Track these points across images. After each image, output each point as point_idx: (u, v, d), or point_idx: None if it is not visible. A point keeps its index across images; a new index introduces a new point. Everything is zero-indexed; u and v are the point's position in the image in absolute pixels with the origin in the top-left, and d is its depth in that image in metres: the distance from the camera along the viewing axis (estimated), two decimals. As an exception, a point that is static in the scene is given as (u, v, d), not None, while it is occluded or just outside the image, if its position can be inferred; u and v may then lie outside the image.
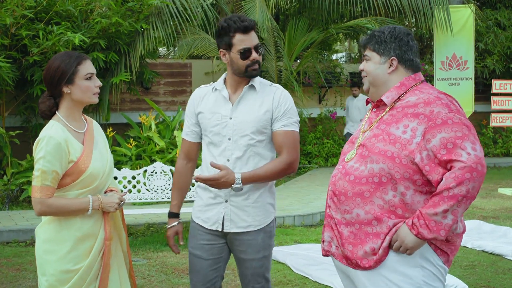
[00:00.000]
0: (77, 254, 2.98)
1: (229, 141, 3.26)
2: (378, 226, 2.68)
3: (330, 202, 2.85)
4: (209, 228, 3.33)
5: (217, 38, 3.33)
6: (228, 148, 3.26)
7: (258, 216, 3.31)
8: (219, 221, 3.30)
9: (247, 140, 3.25)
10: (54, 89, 3.02)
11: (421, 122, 2.65)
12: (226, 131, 3.27)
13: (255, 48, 3.26)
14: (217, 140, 3.29)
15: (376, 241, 2.69)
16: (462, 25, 11.77)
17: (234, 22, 3.23)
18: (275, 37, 11.61)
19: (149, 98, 11.86)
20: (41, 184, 2.91)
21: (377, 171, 2.68)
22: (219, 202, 3.30)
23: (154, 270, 6.06)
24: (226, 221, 3.29)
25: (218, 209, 3.31)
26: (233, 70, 3.30)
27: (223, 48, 3.29)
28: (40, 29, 8.81)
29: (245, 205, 3.28)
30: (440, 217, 2.55)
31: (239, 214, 3.28)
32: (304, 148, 13.72)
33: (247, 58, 3.24)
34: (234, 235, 3.31)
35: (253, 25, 3.27)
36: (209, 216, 3.33)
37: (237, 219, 3.29)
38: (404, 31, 2.86)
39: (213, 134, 3.30)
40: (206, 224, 3.34)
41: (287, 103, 3.31)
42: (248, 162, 3.26)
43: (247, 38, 3.24)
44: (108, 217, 3.08)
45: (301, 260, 6.14)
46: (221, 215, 3.29)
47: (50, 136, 2.93)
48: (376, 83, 2.86)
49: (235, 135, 3.26)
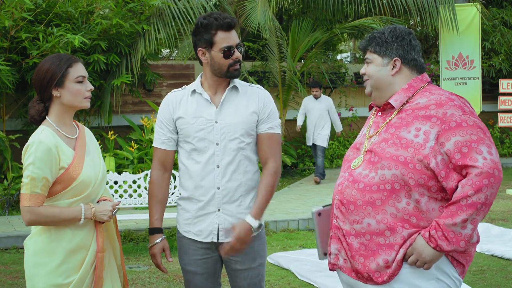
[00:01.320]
0: (68, 267, 2.82)
1: (217, 146, 3.09)
2: (391, 236, 2.53)
3: (337, 212, 2.69)
4: (203, 241, 3.15)
5: (195, 36, 3.14)
6: (216, 153, 3.09)
7: None
8: (214, 231, 3.12)
9: (237, 144, 3.10)
10: (44, 93, 2.87)
11: (433, 125, 2.50)
12: (213, 135, 3.09)
13: (237, 46, 3.11)
14: (202, 146, 3.10)
15: (389, 253, 2.53)
16: (468, 24, 11.64)
17: (215, 19, 3.06)
18: (278, 37, 11.49)
19: (151, 100, 11.75)
20: (30, 192, 2.76)
21: (389, 177, 2.53)
22: (210, 212, 3.12)
23: (155, 277, 5.92)
24: (221, 231, 3.12)
25: (210, 220, 3.13)
26: (213, 70, 3.12)
27: (202, 47, 3.11)
28: (40, 31, 8.74)
29: (238, 212, 3.12)
30: (459, 227, 2.40)
31: (234, 222, 3.11)
32: (309, 150, 13.54)
33: (229, 57, 3.08)
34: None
35: (235, 22, 3.12)
36: (201, 228, 3.14)
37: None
38: (405, 30, 2.72)
39: (198, 140, 3.11)
40: (199, 237, 3.15)
41: (271, 104, 3.19)
42: (238, 167, 3.10)
43: (230, 36, 3.08)
44: (101, 228, 2.92)
45: (305, 266, 5.99)
46: (215, 225, 3.12)
47: (40, 141, 2.78)
48: (380, 86, 2.71)
49: (224, 139, 3.09)
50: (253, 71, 13.02)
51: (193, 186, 3.13)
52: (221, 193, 3.10)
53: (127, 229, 7.50)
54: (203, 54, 3.12)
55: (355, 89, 14.45)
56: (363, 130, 2.84)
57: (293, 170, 12.86)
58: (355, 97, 14.65)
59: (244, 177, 3.13)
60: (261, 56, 12.94)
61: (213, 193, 3.10)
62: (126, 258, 6.63)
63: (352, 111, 14.22)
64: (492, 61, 14.13)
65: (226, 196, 3.10)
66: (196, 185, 3.12)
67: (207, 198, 3.10)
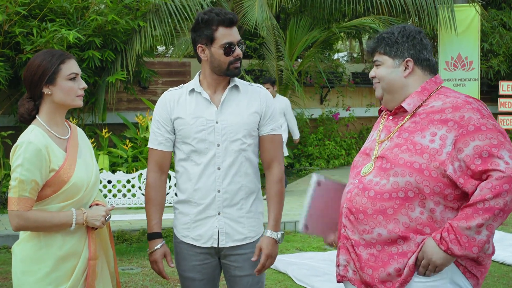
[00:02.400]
0: (58, 275, 2.66)
1: (218, 148, 2.97)
2: (405, 244, 2.39)
3: (345, 221, 2.54)
4: (203, 246, 3.02)
5: (194, 32, 3.02)
6: (217, 155, 2.96)
7: (253, 227, 3.06)
8: (214, 236, 3.00)
9: (239, 145, 2.98)
10: (34, 90, 2.71)
11: (450, 129, 2.36)
12: (214, 136, 2.97)
13: (238, 43, 2.98)
14: (202, 147, 2.97)
15: (402, 261, 2.39)
16: (467, 25, 11.55)
17: (216, 15, 2.94)
18: (275, 36, 11.36)
19: (147, 97, 11.60)
20: (18, 195, 2.59)
21: (402, 185, 2.38)
22: (210, 215, 2.99)
23: (148, 280, 5.77)
24: (221, 235, 2.99)
25: (210, 224, 3.00)
26: (213, 68, 2.99)
27: (202, 43, 2.99)
28: (34, 26, 8.61)
29: (239, 216, 3.01)
30: (473, 232, 2.26)
31: (234, 226, 3.00)
32: (305, 150, 13.44)
33: (230, 54, 2.95)
34: (230, 250, 3.02)
35: (237, 19, 3.00)
36: (201, 233, 3.01)
37: (233, 232, 3.01)
38: (415, 29, 2.58)
39: (198, 141, 2.97)
40: (199, 242, 3.02)
41: (273, 105, 3.10)
42: (240, 169, 2.99)
43: (231, 32, 2.96)
44: (93, 234, 2.76)
45: (303, 270, 5.86)
46: (216, 229, 2.99)
47: (29, 141, 2.62)
48: (392, 89, 2.56)
49: (225, 141, 2.97)
50: (250, 70, 12.89)
51: (192, 189, 3.00)
52: (222, 196, 2.98)
53: (120, 229, 7.36)
54: (203, 50, 3.00)
55: (352, 89, 14.35)
56: (372, 134, 2.69)
57: (289, 170, 12.73)
58: (352, 97, 14.55)
59: (245, 179, 3.02)
60: (258, 55, 12.81)
61: (213, 196, 2.98)
62: (119, 260, 6.48)
63: (349, 111, 14.11)
64: (490, 63, 14.04)
65: (227, 200, 2.99)
66: (196, 188, 2.99)
67: (207, 201, 2.98)
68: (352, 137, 14.30)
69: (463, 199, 2.36)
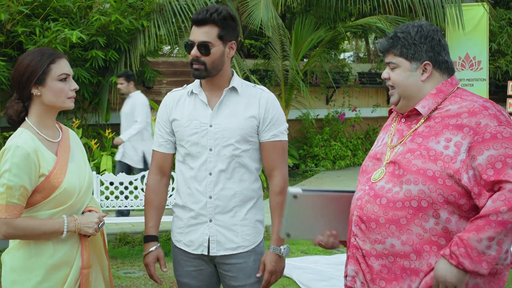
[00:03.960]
0: (49, 285, 2.54)
1: (211, 152, 2.84)
2: (417, 261, 2.25)
3: (356, 230, 2.39)
4: (193, 253, 2.91)
5: None
6: (209, 160, 2.84)
7: (247, 236, 2.91)
8: (204, 243, 2.88)
9: (231, 150, 2.84)
10: (23, 91, 2.59)
11: (465, 136, 2.22)
12: (206, 140, 2.84)
13: (201, 45, 2.79)
14: (195, 151, 2.86)
15: (414, 279, 2.25)
16: (475, 24, 11.39)
17: (197, 13, 2.82)
18: (281, 35, 11.24)
19: (151, 98, 11.48)
20: (6, 202, 2.47)
21: (415, 193, 2.24)
22: (202, 222, 2.88)
23: (150, 284, 5.66)
24: (211, 243, 2.87)
25: (201, 230, 2.89)
26: None
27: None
28: (37, 26, 8.54)
29: (233, 224, 2.88)
30: (484, 245, 2.11)
31: (226, 234, 2.87)
32: (311, 151, 13.31)
33: (189, 52, 2.82)
34: (222, 259, 2.90)
35: (210, 19, 2.78)
36: (192, 239, 2.91)
37: (224, 240, 2.88)
38: (432, 28, 2.39)
39: (191, 144, 2.86)
40: (190, 248, 2.92)
41: (275, 109, 2.91)
42: (233, 175, 2.85)
43: (195, 31, 2.81)
44: (87, 242, 2.64)
45: (308, 275, 5.73)
46: (206, 237, 2.88)
47: (17, 145, 2.50)
48: (409, 94, 2.39)
49: (217, 145, 2.84)
50: (255, 70, 12.77)
51: (186, 193, 2.91)
52: (213, 203, 2.86)
53: (122, 231, 7.25)
54: None
55: (358, 89, 14.22)
56: (382, 138, 2.53)
57: (295, 171, 12.61)
58: (358, 97, 14.42)
59: (240, 186, 2.88)
60: (263, 55, 12.69)
61: (205, 202, 2.86)
62: (121, 263, 6.38)
63: (355, 112, 13.98)
64: (498, 63, 13.88)
65: (219, 206, 2.86)
66: (189, 193, 2.89)
67: (198, 207, 2.88)
68: (358, 137, 14.17)
69: (478, 208, 2.22)
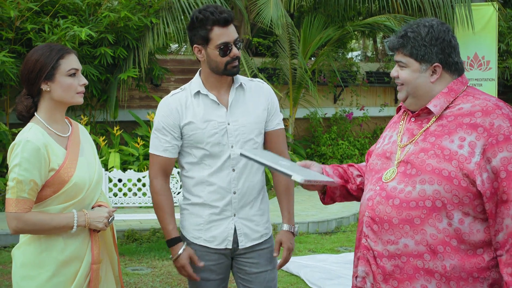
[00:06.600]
0: (59, 281, 2.55)
1: (232, 149, 2.92)
2: (431, 261, 2.22)
3: (368, 231, 2.36)
4: (216, 248, 2.96)
5: (190, 32, 2.93)
6: (232, 156, 2.92)
7: (266, 223, 3.08)
8: (229, 238, 2.95)
9: (252, 145, 2.96)
10: (32, 87, 2.60)
11: (480, 137, 2.17)
12: (227, 138, 2.92)
13: (235, 42, 2.88)
14: (217, 150, 2.91)
15: (429, 279, 2.22)
16: (484, 23, 11.33)
17: (211, 14, 2.83)
18: (289, 34, 11.23)
19: (158, 95, 11.50)
20: (16, 196, 2.47)
21: (430, 193, 2.20)
22: (226, 217, 2.96)
23: (158, 281, 5.66)
24: (239, 236, 2.96)
25: (226, 225, 2.95)
26: (211, 68, 2.92)
27: (198, 44, 2.91)
28: (46, 23, 8.55)
29: (253, 215, 3.00)
30: None
31: (250, 226, 2.99)
32: (318, 149, 13.28)
33: (227, 54, 2.85)
34: (246, 249, 2.99)
35: (233, 17, 2.89)
36: (215, 234, 2.95)
37: (250, 232, 2.99)
38: (443, 28, 2.34)
39: (212, 145, 2.91)
40: (212, 244, 2.96)
41: (275, 99, 3.11)
42: (252, 169, 2.97)
43: (226, 32, 2.85)
44: (97, 237, 2.65)
45: (316, 273, 5.72)
46: (231, 231, 2.95)
47: (27, 140, 2.50)
48: (417, 93, 2.36)
49: (238, 141, 2.93)
50: (263, 68, 12.76)
51: (206, 192, 2.94)
52: (237, 198, 2.96)
53: (130, 228, 7.26)
54: (199, 51, 2.93)
55: (366, 88, 14.16)
56: (390, 135, 2.49)
57: (302, 170, 12.58)
58: (366, 96, 14.37)
59: (255, 178, 3.01)
60: (271, 53, 12.68)
61: (230, 198, 2.94)
62: (129, 260, 6.39)
63: (363, 111, 13.94)
64: (506, 63, 13.81)
65: (242, 200, 2.97)
66: (210, 191, 2.93)
67: (223, 203, 2.94)
68: (366, 137, 14.13)
69: None
